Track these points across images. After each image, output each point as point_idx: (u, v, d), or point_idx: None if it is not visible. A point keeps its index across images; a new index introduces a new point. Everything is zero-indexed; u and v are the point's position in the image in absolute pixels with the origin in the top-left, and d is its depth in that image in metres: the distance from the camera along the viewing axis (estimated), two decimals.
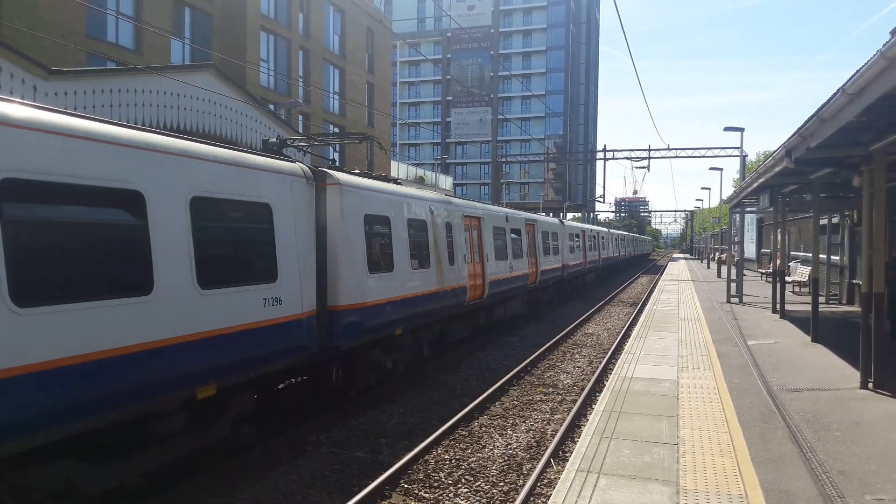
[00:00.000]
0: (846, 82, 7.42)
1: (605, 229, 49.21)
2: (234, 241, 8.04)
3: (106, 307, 5.84)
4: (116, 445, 6.34)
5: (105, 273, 6.05)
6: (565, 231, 28.88)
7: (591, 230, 39.01)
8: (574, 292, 32.28)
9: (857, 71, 7.08)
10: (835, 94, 7.87)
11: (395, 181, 13.04)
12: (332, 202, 9.59)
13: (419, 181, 51.56)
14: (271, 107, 29.92)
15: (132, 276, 6.27)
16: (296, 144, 11.65)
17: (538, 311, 23.89)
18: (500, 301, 18.29)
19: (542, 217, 26.98)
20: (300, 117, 36.27)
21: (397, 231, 11.61)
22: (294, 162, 9.05)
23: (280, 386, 10.62)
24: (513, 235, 19.90)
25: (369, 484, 7.34)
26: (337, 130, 40.41)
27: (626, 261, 60.98)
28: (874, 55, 6.58)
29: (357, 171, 11.60)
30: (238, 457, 8.25)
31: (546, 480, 7.63)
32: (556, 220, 29.92)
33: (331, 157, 39.44)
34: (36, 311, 5.22)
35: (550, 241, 25.69)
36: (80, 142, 5.77)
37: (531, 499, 7.12)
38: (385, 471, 7.75)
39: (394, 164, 49.79)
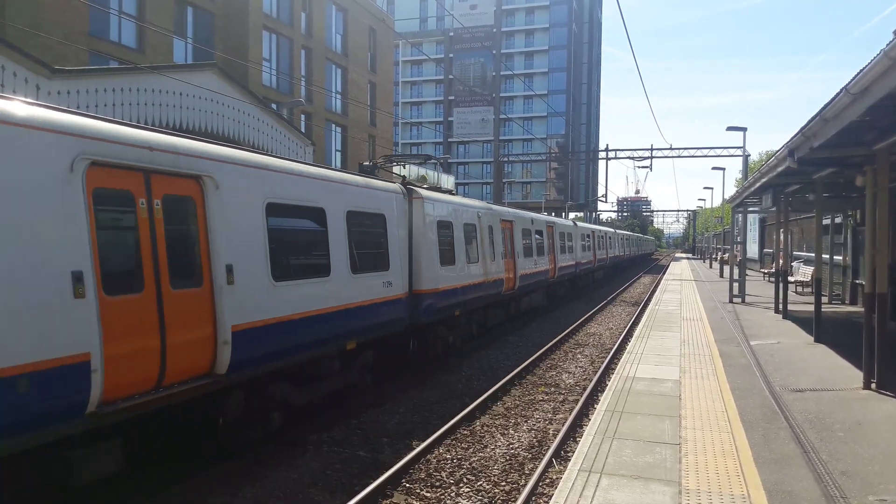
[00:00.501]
0: (849, 82, 7.39)
1: (612, 230, 51.51)
2: (367, 241, 10.90)
3: (311, 283, 8.98)
4: (307, 377, 9.37)
5: (309, 262, 9.25)
6: (578, 232, 31.34)
7: (601, 231, 41.71)
8: (584, 288, 34.99)
9: (861, 70, 7.06)
10: (838, 94, 7.85)
11: (451, 192, 16.93)
12: (417, 211, 12.73)
13: (421, 180, 51.52)
14: (274, 106, 29.93)
15: (321, 264, 9.33)
16: (380, 166, 14.95)
17: (555, 303, 26.91)
18: (527, 293, 21.05)
19: (559, 220, 29.53)
20: (302, 116, 36.27)
21: (457, 233, 14.68)
22: (395, 183, 12.34)
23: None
24: (536, 236, 22.66)
25: (371, 483, 7.33)
26: (339, 130, 40.41)
27: (631, 259, 64.80)
28: (878, 55, 6.56)
29: (426, 186, 14.94)
30: (238, 456, 8.26)
31: (548, 480, 7.62)
32: (570, 221, 32.46)
33: (332, 157, 39.45)
34: (281, 284, 8.19)
35: (566, 241, 28.21)
36: (298, 178, 9.02)
37: (533, 498, 7.11)
38: (386, 470, 7.74)
39: None
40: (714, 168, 65.81)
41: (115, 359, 5.79)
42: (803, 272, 26.39)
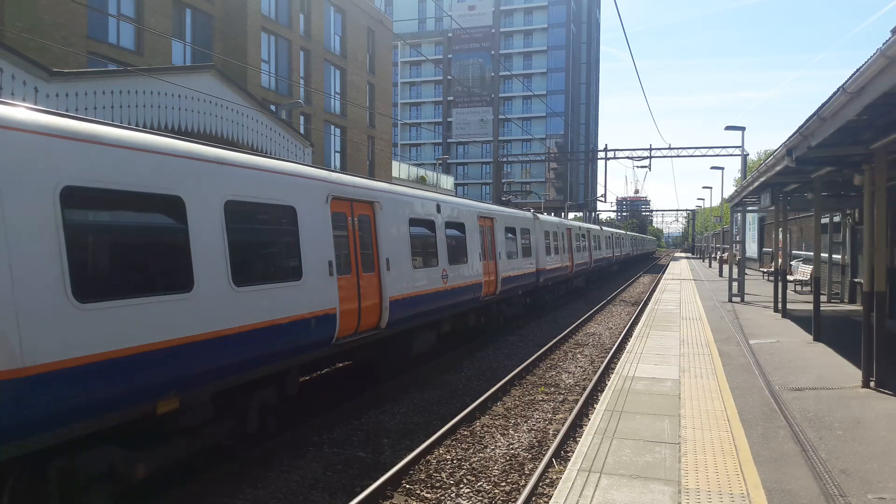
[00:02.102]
0: (846, 81, 7.41)
1: (623, 231, 62.15)
2: (526, 242, 17.67)
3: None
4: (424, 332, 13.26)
5: (426, 255, 12.98)
6: (602, 234, 36.96)
7: (616, 233, 50.40)
8: (603, 279, 42.27)
9: (858, 69, 7.08)
10: (835, 93, 7.86)
11: (516, 207, 22.10)
12: (538, 226, 19.61)
13: (420, 181, 51.57)
14: (272, 107, 29.93)
15: (433, 259, 13.32)
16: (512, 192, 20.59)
17: (590, 285, 33.57)
18: (510, 297, 20.28)
19: (548, 217, 28.98)
20: (301, 118, 36.28)
21: (555, 237, 21.07)
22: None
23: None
24: (522, 239, 22.67)
25: (371, 484, 7.34)
26: (338, 131, 40.41)
27: (638, 256, 75.62)
28: (874, 54, 6.57)
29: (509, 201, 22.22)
30: (239, 457, 8.26)
31: (548, 480, 7.63)
32: (595, 225, 39.19)
33: (331, 158, 39.46)
34: (417, 271, 12.13)
35: (614, 240, 39.04)
36: (423, 200, 13.31)
37: (533, 499, 7.12)
38: (387, 471, 7.76)
39: (395, 164, 49.77)
40: (713, 167, 65.99)
41: (343, 313, 9.66)
42: (802, 271, 26.42)
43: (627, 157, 52.43)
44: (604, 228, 43.80)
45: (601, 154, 59.11)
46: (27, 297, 5.13)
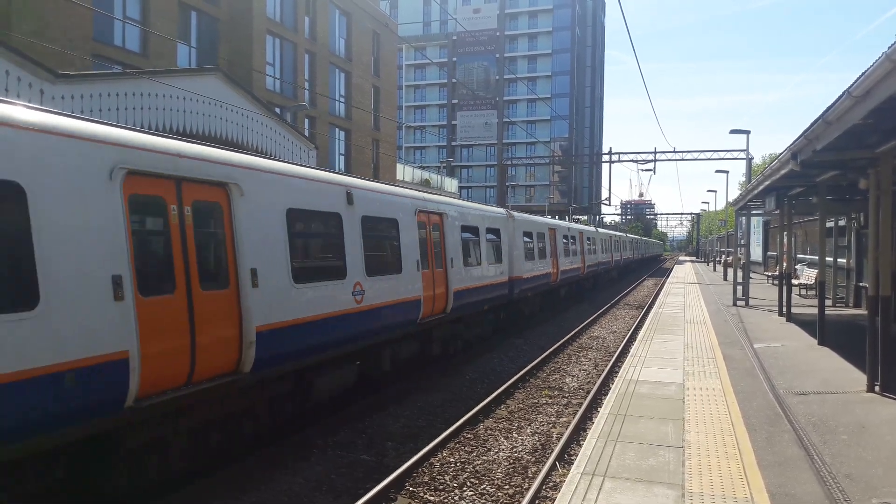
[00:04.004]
0: (852, 85, 7.40)
1: (635, 235, 70.45)
2: (495, 245, 17.69)
3: (488, 268, 16.48)
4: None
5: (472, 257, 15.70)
6: (598, 236, 38.05)
7: (629, 237, 56.97)
8: (618, 278, 47.53)
9: (863, 73, 7.07)
10: (840, 97, 7.85)
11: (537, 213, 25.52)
12: (511, 226, 19.36)
13: (425, 184, 51.62)
14: (277, 110, 30.02)
15: (499, 258, 17.60)
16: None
17: (587, 293, 33.90)
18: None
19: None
20: (306, 120, 36.36)
21: (535, 239, 21.80)
22: (504, 207, 18.56)
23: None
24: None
25: (374, 486, 7.34)
26: (343, 134, 40.48)
27: (645, 258, 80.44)
28: (879, 57, 6.57)
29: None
30: (243, 459, 8.28)
31: (551, 483, 7.62)
32: (613, 231, 47.58)
33: (335, 161, 39.53)
34: (469, 268, 15.23)
35: (612, 243, 43.09)
36: (472, 210, 16.73)
37: (536, 502, 7.11)
38: (390, 473, 7.75)
39: (399, 166, 49.82)
40: (717, 171, 65.82)
41: (425, 299, 12.38)
42: (807, 275, 26.33)
43: (632, 161, 52.42)
44: (600, 230, 41.21)
45: (605, 157, 59.03)
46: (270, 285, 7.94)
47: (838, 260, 22.95)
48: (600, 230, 41.71)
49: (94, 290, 5.71)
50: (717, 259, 59.26)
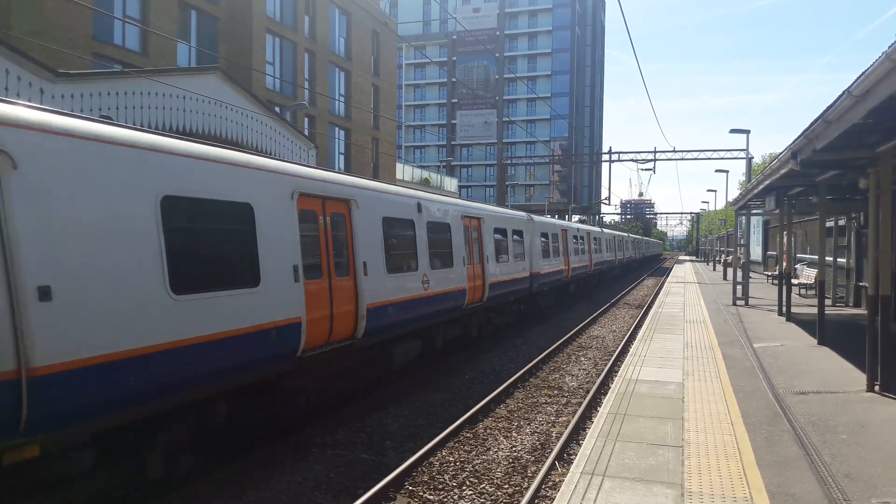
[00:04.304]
0: (851, 84, 7.39)
1: (636, 235, 74.56)
2: (519, 245, 19.77)
3: (508, 265, 18.61)
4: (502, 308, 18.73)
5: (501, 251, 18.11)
6: (603, 236, 40.22)
7: (631, 237, 60.19)
8: (620, 275, 49.83)
9: (863, 73, 7.06)
10: (840, 96, 7.85)
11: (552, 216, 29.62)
12: (531, 227, 21.46)
13: (424, 183, 51.60)
14: (277, 109, 29.99)
15: (522, 256, 19.93)
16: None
17: (591, 289, 35.52)
18: (599, 272, 29.30)
19: (589, 227, 36.34)
20: (306, 119, 36.34)
21: (550, 239, 23.92)
22: (524, 212, 22.11)
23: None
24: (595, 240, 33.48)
25: (374, 486, 7.34)
26: (342, 133, 40.46)
27: (646, 257, 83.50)
28: (879, 57, 6.56)
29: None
30: (242, 459, 8.28)
31: (551, 483, 7.62)
32: (616, 231, 50.50)
33: (335, 160, 39.52)
34: (498, 264, 17.46)
35: (616, 242, 45.19)
36: (507, 217, 19.60)
37: (536, 501, 7.11)
38: (389, 473, 7.75)
39: (399, 166, 49.80)
40: (717, 170, 65.89)
41: (469, 289, 14.61)
42: (807, 274, 26.33)
43: (632, 160, 52.41)
44: (605, 231, 43.72)
45: (605, 157, 59.03)
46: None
47: (838, 259, 22.95)
48: (605, 230, 44.49)
49: (286, 275, 8.26)
50: (717, 259, 59.26)
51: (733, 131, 31.35)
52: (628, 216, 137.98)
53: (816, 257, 16.56)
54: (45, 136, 5.50)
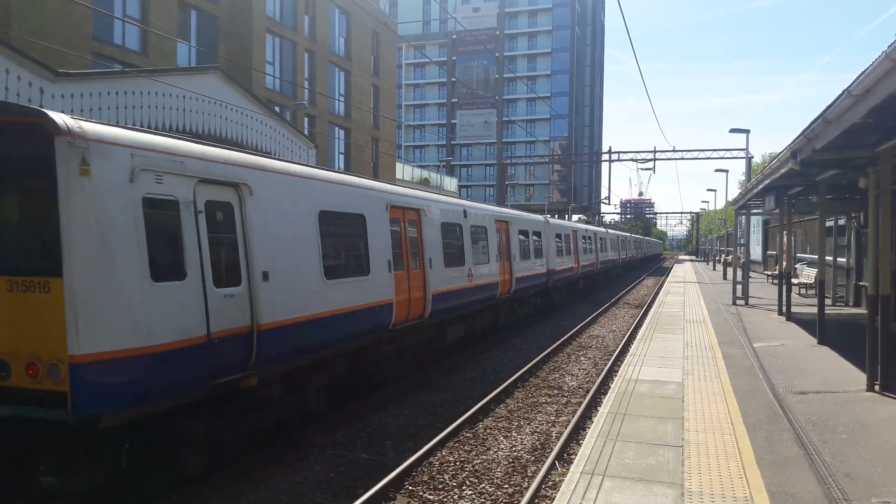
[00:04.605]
0: (851, 84, 7.39)
1: (638, 236, 79.53)
2: (537, 244, 22.14)
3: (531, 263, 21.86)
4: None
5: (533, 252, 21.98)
6: (608, 236, 43.04)
7: (633, 237, 64.48)
8: (623, 273, 51.63)
9: (863, 72, 7.06)
10: (840, 96, 7.85)
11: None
12: (548, 229, 23.83)
13: (424, 183, 51.59)
14: (277, 109, 29.98)
15: (540, 255, 22.66)
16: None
17: (597, 286, 37.00)
18: (604, 270, 33.41)
19: (595, 228, 40.00)
20: (305, 119, 36.34)
21: (563, 239, 26.58)
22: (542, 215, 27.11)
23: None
24: (600, 240, 37.13)
25: (374, 486, 7.34)
26: (342, 133, 40.46)
27: (647, 257, 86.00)
28: (879, 56, 6.56)
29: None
30: (242, 459, 8.27)
31: (551, 483, 7.61)
32: (620, 232, 53.82)
33: (335, 160, 39.53)
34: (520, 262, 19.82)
35: (619, 242, 47.49)
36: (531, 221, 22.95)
37: (535, 501, 7.10)
38: (389, 472, 7.75)
39: (399, 165, 49.79)
40: (717, 170, 65.97)
41: (502, 281, 17.64)
42: (807, 274, 26.33)
43: (631, 160, 52.47)
44: (609, 231, 46.55)
45: (605, 156, 59.06)
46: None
47: (838, 259, 22.95)
48: (609, 231, 47.48)
49: (383, 267, 10.99)
50: (717, 258, 59.26)
51: (733, 131, 31.39)
52: (628, 216, 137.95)
53: (816, 257, 16.57)
54: (264, 174, 8.15)
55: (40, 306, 5.77)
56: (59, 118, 5.85)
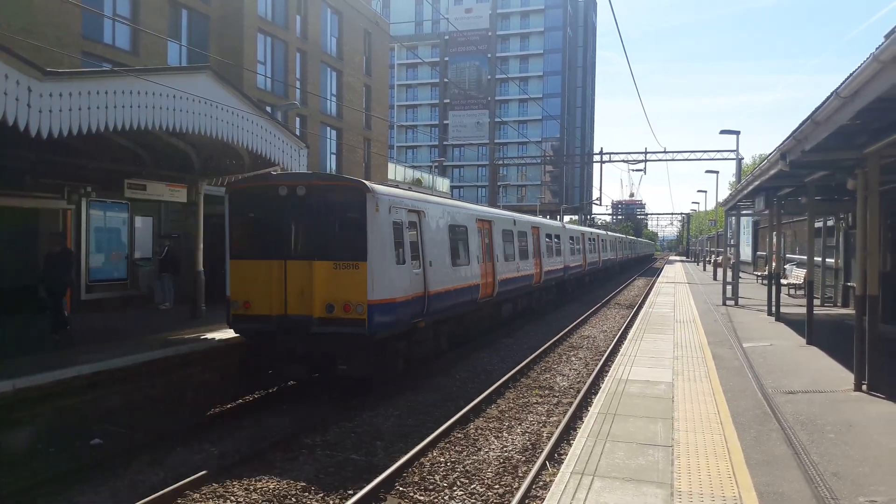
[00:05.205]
0: (840, 85, 7.44)
1: (635, 237, 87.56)
2: (557, 245, 28.07)
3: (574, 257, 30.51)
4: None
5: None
6: (609, 238, 48.96)
7: (629, 238, 73.17)
8: (619, 271, 56.81)
9: (851, 74, 7.11)
10: (828, 98, 7.90)
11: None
12: (564, 232, 29.65)
13: (416, 184, 51.56)
14: (268, 109, 29.85)
15: (560, 253, 28.61)
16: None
17: (614, 274, 46.85)
18: (605, 267, 39.60)
19: (610, 233, 50.89)
20: (297, 119, 36.23)
21: (574, 241, 32.14)
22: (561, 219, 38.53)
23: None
24: (603, 241, 43.81)
25: (364, 487, 7.33)
26: (334, 133, 40.37)
27: (640, 257, 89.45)
28: (867, 58, 6.61)
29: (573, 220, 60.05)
30: (230, 458, 8.24)
31: (541, 483, 7.62)
32: (618, 234, 61.12)
33: (327, 160, 39.45)
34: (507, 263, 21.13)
35: (616, 245, 53.24)
36: (562, 229, 31.15)
37: (526, 501, 7.11)
38: (380, 473, 7.74)
39: (391, 166, 49.74)
40: (708, 171, 66.18)
41: (535, 274, 23.69)
42: (796, 275, 26.49)
43: (623, 161, 52.57)
44: (609, 233, 53.33)
45: (597, 157, 59.17)
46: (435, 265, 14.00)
47: (827, 260, 23.10)
48: (609, 233, 54.33)
49: (476, 259, 16.46)
50: (707, 259, 59.52)
51: (723, 132, 31.35)
52: (619, 216, 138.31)
53: (805, 257, 16.67)
54: (428, 204, 14.08)
55: (352, 276, 11.05)
56: (367, 185, 11.45)
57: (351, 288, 10.95)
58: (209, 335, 12.97)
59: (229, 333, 12.38)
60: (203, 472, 7.76)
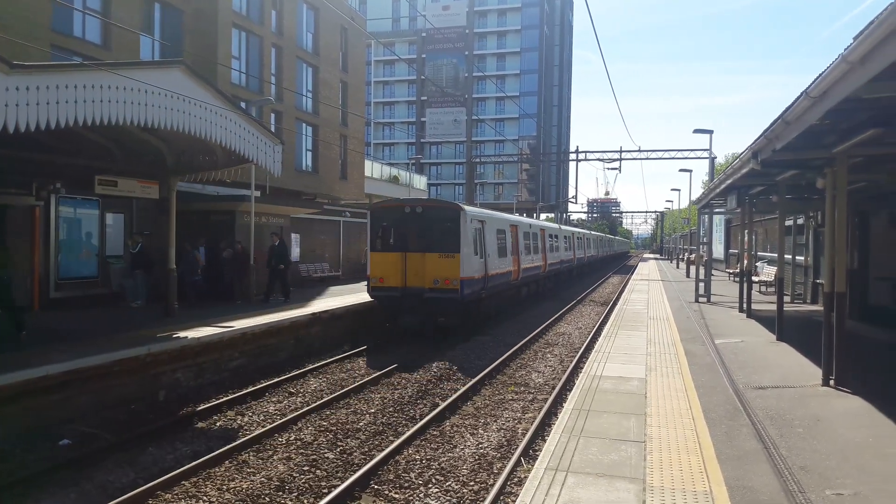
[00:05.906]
0: (810, 85, 7.56)
1: (612, 236, 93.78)
2: (554, 243, 34.45)
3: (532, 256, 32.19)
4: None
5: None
6: (591, 236, 54.77)
7: (608, 237, 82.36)
8: (601, 266, 62.83)
9: (820, 74, 7.22)
10: (799, 97, 8.02)
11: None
12: (562, 233, 37.73)
13: (393, 181, 51.38)
14: (243, 104, 29.52)
15: (555, 249, 34.93)
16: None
17: (595, 269, 53.91)
18: (590, 262, 48.00)
19: (594, 232, 59.17)
20: (272, 115, 35.89)
21: (569, 239, 40.33)
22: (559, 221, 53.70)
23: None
24: (586, 239, 49.82)
25: (339, 485, 7.29)
26: (310, 129, 40.08)
27: (617, 254, 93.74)
28: (836, 59, 6.71)
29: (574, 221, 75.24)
30: (201, 456, 8.15)
31: (516, 479, 7.66)
32: (601, 233, 69.09)
33: (302, 157, 39.15)
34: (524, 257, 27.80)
35: (598, 242, 59.29)
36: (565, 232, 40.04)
37: (501, 498, 7.14)
38: (355, 471, 7.71)
39: (368, 163, 49.52)
40: (681, 170, 66.94)
41: (549, 265, 31.96)
42: (767, 272, 26.93)
43: (598, 159, 53.01)
44: (593, 233, 61.31)
45: (572, 156, 59.55)
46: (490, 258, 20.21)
47: (797, 257, 23.51)
48: (593, 232, 63.01)
49: (511, 254, 23.18)
50: (681, 257, 60.28)
51: (697, 131, 31.72)
52: (595, 214, 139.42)
53: (776, 255, 16.92)
54: (487, 216, 20.76)
55: (450, 262, 17.13)
56: (462, 206, 17.92)
57: (449, 269, 17.04)
58: (182, 333, 12.81)
59: (205, 332, 12.25)
60: (175, 472, 7.66)
